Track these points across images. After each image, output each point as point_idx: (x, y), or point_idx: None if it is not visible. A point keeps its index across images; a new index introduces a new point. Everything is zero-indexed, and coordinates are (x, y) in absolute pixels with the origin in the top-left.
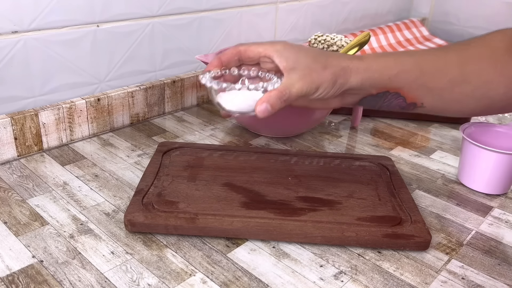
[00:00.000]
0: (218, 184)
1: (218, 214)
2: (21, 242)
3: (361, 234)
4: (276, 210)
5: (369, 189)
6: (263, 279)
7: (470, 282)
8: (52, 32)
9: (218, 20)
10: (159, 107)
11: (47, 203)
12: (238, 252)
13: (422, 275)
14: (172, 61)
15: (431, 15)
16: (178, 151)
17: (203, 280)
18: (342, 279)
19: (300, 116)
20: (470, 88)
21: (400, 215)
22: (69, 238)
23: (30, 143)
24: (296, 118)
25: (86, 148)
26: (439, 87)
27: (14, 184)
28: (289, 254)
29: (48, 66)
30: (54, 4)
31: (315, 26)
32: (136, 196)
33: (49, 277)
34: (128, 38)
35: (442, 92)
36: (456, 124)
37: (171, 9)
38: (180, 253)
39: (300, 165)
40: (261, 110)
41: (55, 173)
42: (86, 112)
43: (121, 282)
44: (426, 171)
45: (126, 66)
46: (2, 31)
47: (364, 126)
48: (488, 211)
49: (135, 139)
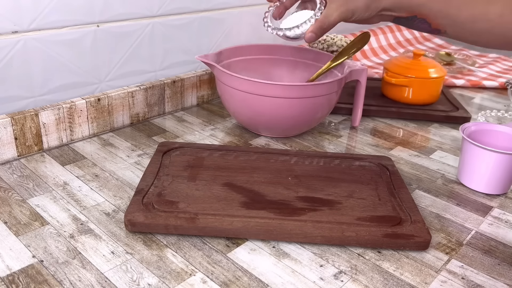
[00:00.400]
0: (218, 184)
1: (218, 214)
2: (21, 242)
3: (361, 234)
4: (276, 210)
5: (369, 189)
6: (263, 279)
7: (470, 282)
8: (52, 32)
9: (218, 20)
10: (159, 107)
11: (47, 203)
12: (238, 252)
13: (422, 275)
14: (172, 61)
15: None
16: (178, 151)
17: (203, 280)
18: (342, 279)
19: (300, 117)
20: (491, 25)
21: (400, 215)
22: (69, 238)
23: (30, 143)
24: (296, 118)
25: (86, 148)
26: (461, 20)
27: (14, 184)
28: (289, 254)
29: (48, 66)
30: (54, 4)
31: None
32: (136, 196)
33: (49, 277)
34: (128, 38)
35: (463, 24)
36: (456, 124)
37: (171, 9)
38: (180, 253)
39: (300, 165)
40: (308, 37)
41: (55, 173)
42: (86, 112)
43: (121, 282)
44: (426, 171)
45: (126, 66)
46: (2, 31)
47: (364, 126)
48: (488, 211)
49: (135, 139)
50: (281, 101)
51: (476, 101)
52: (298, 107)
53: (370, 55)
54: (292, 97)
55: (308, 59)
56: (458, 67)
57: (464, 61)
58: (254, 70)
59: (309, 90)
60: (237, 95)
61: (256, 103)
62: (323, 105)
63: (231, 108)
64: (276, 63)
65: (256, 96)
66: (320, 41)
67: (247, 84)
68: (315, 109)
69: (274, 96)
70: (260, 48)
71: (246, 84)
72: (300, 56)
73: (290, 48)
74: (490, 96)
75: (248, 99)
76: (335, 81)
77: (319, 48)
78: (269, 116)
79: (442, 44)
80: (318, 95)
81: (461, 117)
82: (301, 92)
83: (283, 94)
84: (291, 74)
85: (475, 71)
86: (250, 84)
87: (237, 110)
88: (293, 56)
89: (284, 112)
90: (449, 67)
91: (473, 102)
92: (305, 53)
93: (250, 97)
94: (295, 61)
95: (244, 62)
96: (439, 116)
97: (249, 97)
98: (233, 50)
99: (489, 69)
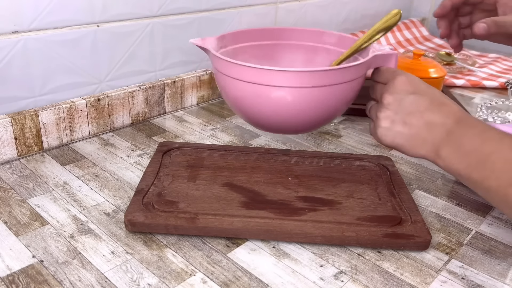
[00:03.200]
0: (218, 184)
1: (218, 214)
2: (21, 242)
3: (361, 234)
4: (276, 210)
5: (369, 189)
6: (263, 279)
7: (470, 282)
8: (52, 32)
9: (218, 20)
10: (159, 107)
11: (47, 203)
12: (238, 252)
13: (422, 275)
14: (172, 61)
15: (431, 15)
16: (178, 151)
17: (203, 280)
18: (342, 279)
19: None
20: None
21: (400, 215)
22: (69, 238)
23: (30, 143)
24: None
25: (86, 148)
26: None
27: (14, 184)
28: (289, 254)
29: (48, 66)
30: (54, 4)
31: (315, 26)
32: (136, 196)
33: (49, 277)
34: (128, 38)
35: None
36: None
37: (171, 9)
38: (180, 253)
39: (300, 165)
40: (478, 27)
41: (55, 173)
42: (86, 112)
43: (121, 282)
44: (426, 171)
45: (126, 66)
46: (2, 31)
47: (364, 126)
48: (488, 211)
49: (135, 139)
50: (298, 91)
51: (476, 101)
52: (318, 97)
53: None
54: (308, 85)
55: (329, 44)
56: (458, 67)
57: (464, 61)
58: (264, 57)
59: (330, 76)
60: (244, 88)
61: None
62: (347, 91)
63: (236, 105)
64: (291, 49)
65: (267, 87)
66: None
67: (254, 73)
68: (338, 98)
69: (286, 85)
70: (271, 32)
71: (252, 73)
72: (320, 40)
73: (307, 32)
74: (490, 96)
75: (258, 91)
76: (358, 65)
77: None
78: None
79: (442, 44)
80: (339, 83)
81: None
82: (319, 79)
83: (298, 83)
84: (309, 62)
85: (475, 71)
86: (257, 72)
87: (245, 107)
88: (311, 41)
89: (300, 105)
90: (449, 67)
91: (473, 102)
92: (326, 37)
93: (260, 89)
94: (314, 47)
95: (252, 48)
96: None
97: (260, 89)
98: (238, 35)
99: (489, 69)
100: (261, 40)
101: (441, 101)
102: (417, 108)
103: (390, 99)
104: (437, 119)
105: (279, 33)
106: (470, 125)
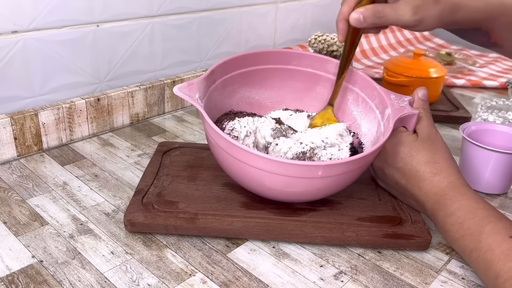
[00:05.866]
0: (218, 184)
1: (218, 214)
2: (21, 242)
3: (361, 234)
4: (276, 210)
5: (369, 189)
6: (263, 279)
7: (470, 282)
8: (52, 32)
9: (218, 20)
10: (159, 107)
11: (47, 203)
12: (238, 252)
13: (422, 275)
14: (172, 61)
15: None
16: (178, 151)
17: (203, 280)
18: (342, 279)
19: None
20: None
21: (400, 215)
22: (69, 238)
23: (30, 143)
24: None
25: (86, 148)
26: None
27: (14, 184)
28: (289, 254)
29: (48, 66)
30: (54, 4)
31: (315, 26)
32: (136, 196)
33: (49, 277)
34: (128, 38)
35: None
36: (457, 124)
37: (171, 9)
38: (180, 253)
39: None
40: (354, 18)
41: (55, 173)
42: (86, 112)
43: (121, 282)
44: None
45: (126, 66)
46: (2, 31)
47: None
48: None
49: (135, 139)
50: (296, 180)
51: (476, 101)
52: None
53: (370, 54)
54: (310, 177)
55: (330, 73)
56: (458, 67)
57: (465, 61)
58: (259, 86)
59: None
60: (239, 166)
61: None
62: (350, 179)
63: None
64: (291, 75)
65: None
66: (320, 41)
67: (249, 155)
68: (340, 185)
69: (283, 174)
70: (267, 55)
71: (245, 154)
72: (321, 68)
73: (307, 57)
74: (491, 96)
75: (253, 173)
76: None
77: (319, 48)
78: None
79: (442, 44)
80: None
81: (462, 117)
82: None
83: (298, 174)
84: (310, 90)
85: (475, 71)
86: (256, 157)
87: (239, 181)
88: (312, 68)
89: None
90: (449, 67)
91: (474, 102)
92: (327, 65)
93: (254, 171)
94: (315, 74)
95: (245, 76)
96: (440, 116)
97: (253, 171)
98: (229, 63)
99: (490, 69)
100: (252, 66)
101: (421, 176)
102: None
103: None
104: (418, 197)
105: (276, 56)
106: (448, 213)
